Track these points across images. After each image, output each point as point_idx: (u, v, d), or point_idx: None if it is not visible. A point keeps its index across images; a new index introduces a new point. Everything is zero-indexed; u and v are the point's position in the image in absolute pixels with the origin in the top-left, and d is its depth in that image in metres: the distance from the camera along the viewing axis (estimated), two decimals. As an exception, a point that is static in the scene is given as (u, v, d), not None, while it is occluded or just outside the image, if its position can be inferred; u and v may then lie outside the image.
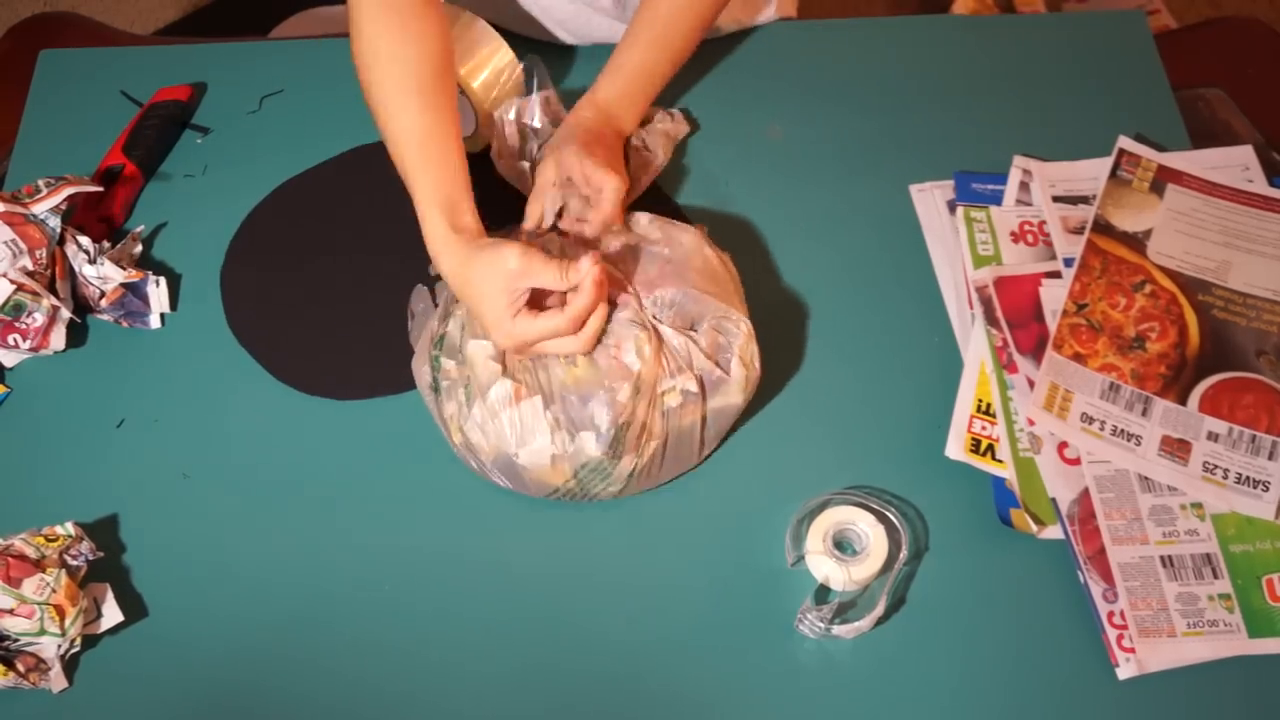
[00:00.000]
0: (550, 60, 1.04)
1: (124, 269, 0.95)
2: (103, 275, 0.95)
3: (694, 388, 0.84)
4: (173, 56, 1.13)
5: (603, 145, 0.96)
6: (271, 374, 0.95)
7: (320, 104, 1.10)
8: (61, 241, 0.95)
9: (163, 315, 0.97)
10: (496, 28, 1.01)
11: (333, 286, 1.00)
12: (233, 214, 1.03)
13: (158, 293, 0.96)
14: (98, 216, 1.01)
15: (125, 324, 0.97)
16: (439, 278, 0.89)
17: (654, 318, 0.87)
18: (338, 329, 0.97)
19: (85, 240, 0.95)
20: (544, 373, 0.84)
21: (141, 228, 1.00)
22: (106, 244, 0.97)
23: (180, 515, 0.89)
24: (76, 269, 0.95)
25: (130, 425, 0.93)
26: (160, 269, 0.99)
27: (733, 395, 0.86)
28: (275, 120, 1.09)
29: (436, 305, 0.92)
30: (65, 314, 0.94)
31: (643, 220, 0.93)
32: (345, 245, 1.02)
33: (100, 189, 0.99)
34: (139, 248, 0.98)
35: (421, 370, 0.89)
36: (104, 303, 0.95)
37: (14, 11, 2.03)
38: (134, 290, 0.96)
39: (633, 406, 0.83)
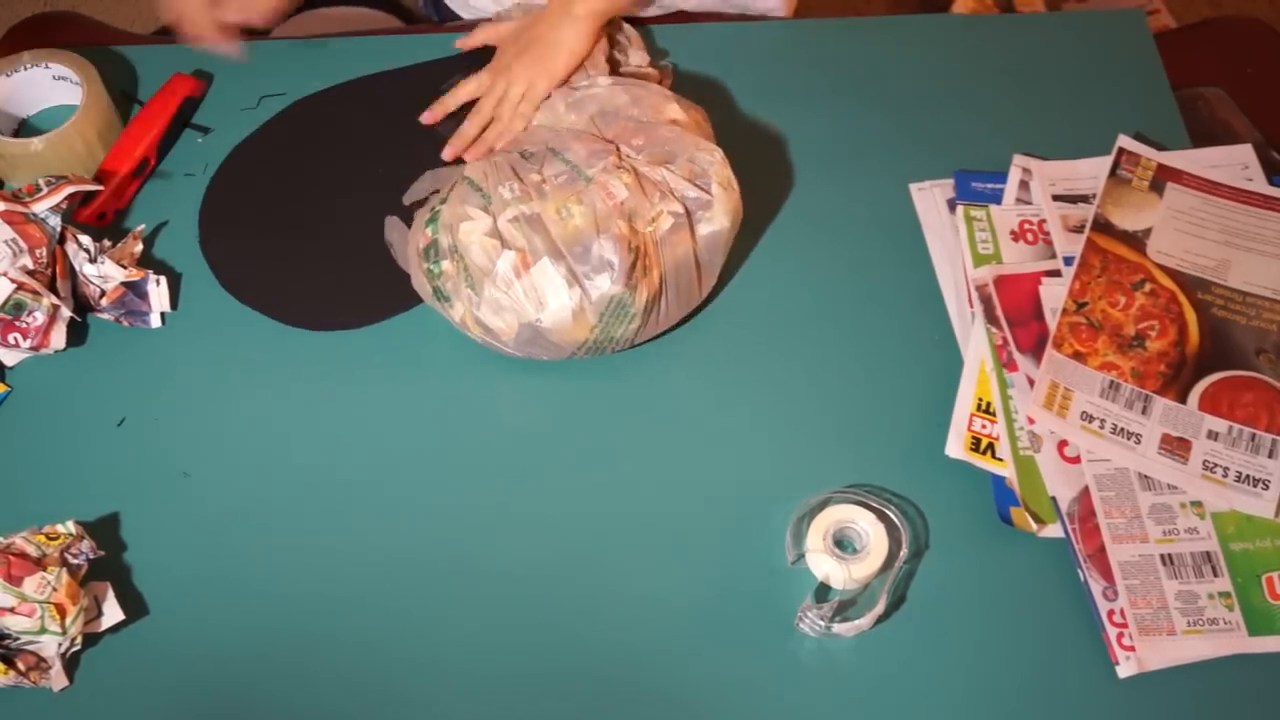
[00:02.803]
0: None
1: (124, 268, 0.95)
2: (103, 274, 0.95)
3: (680, 210, 0.89)
4: (173, 56, 1.13)
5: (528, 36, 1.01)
6: (256, 310, 0.98)
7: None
8: (62, 240, 0.95)
9: (163, 314, 0.97)
10: None
11: (309, 218, 1.02)
12: (233, 213, 1.04)
13: (158, 292, 0.96)
14: (97, 213, 1.01)
15: (126, 323, 0.97)
16: (414, 205, 0.96)
17: (629, 157, 0.91)
18: (317, 260, 1.00)
19: (86, 239, 0.95)
20: (539, 235, 0.87)
21: (142, 227, 1.00)
22: (107, 242, 0.97)
23: (180, 514, 0.89)
24: (77, 268, 0.95)
25: (131, 424, 0.93)
26: (160, 268, 0.99)
27: (718, 219, 0.90)
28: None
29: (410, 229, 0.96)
30: (66, 313, 0.94)
31: (602, 83, 0.97)
32: (322, 179, 1.04)
33: (100, 188, 1.00)
34: (139, 246, 0.98)
35: (422, 285, 0.92)
36: (104, 301, 0.95)
37: (14, 11, 2.03)
38: (134, 289, 0.96)
39: (632, 235, 0.87)
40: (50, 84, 1.07)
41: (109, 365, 0.96)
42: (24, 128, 1.09)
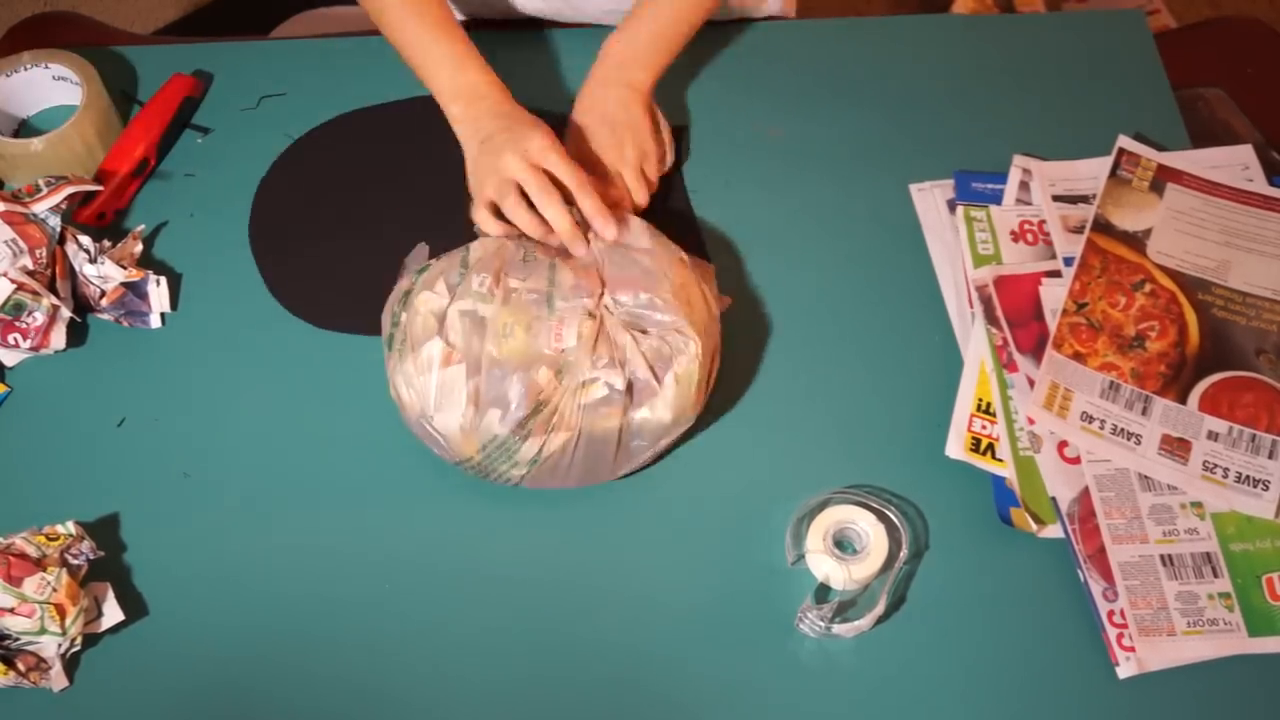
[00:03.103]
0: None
1: (124, 268, 0.95)
2: (103, 274, 0.95)
3: (620, 385, 0.83)
4: (173, 56, 1.13)
5: (607, 120, 0.97)
6: (287, 309, 0.98)
7: (322, 103, 1.10)
8: (62, 240, 0.95)
9: (163, 315, 0.97)
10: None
11: (352, 220, 1.02)
12: (233, 213, 1.03)
13: (158, 292, 0.96)
14: (97, 213, 1.01)
15: (125, 323, 0.97)
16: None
17: (606, 308, 0.86)
18: (342, 261, 1.00)
19: (85, 239, 0.95)
20: (478, 340, 0.84)
21: (142, 227, 1.00)
22: (107, 243, 0.97)
23: (180, 515, 0.89)
24: (77, 268, 0.95)
25: (130, 425, 0.93)
26: (160, 268, 0.99)
27: (660, 410, 0.84)
28: (277, 119, 1.09)
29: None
30: (65, 313, 0.94)
31: (635, 226, 0.92)
32: (379, 186, 1.04)
33: (100, 188, 0.99)
34: (139, 247, 0.98)
35: (385, 324, 0.89)
36: (104, 302, 0.95)
37: (14, 11, 2.03)
38: (134, 289, 0.96)
39: (551, 389, 0.83)
40: (50, 84, 1.07)
41: (109, 365, 0.96)
42: (24, 128, 1.09)
